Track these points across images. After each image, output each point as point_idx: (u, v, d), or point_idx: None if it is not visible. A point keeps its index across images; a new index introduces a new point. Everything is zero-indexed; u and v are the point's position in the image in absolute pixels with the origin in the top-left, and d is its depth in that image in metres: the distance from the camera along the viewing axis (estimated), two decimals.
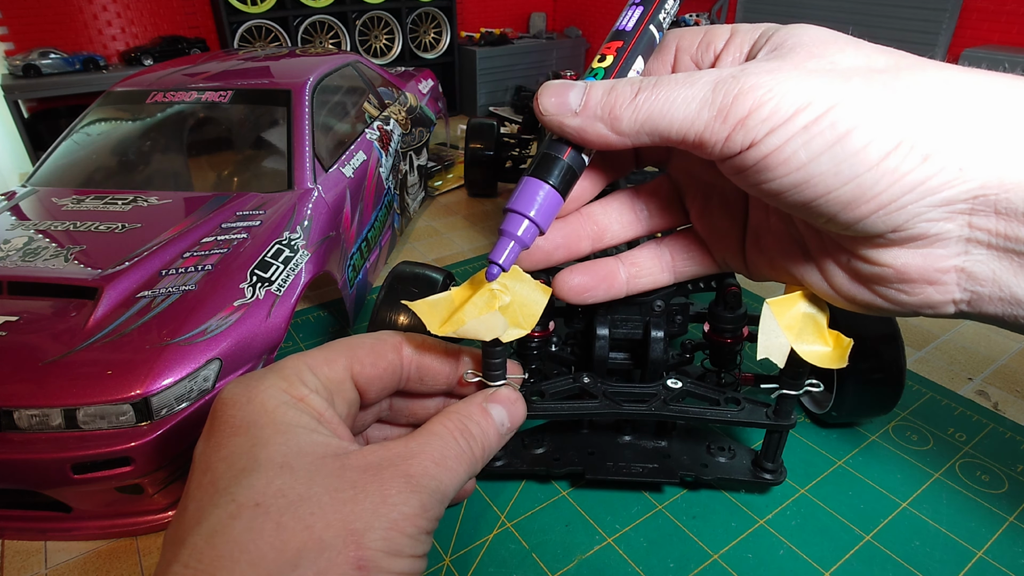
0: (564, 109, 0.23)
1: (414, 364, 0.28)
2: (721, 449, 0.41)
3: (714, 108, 0.20)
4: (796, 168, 0.19)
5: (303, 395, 0.23)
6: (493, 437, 0.26)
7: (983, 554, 0.37)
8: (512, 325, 0.26)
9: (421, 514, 0.21)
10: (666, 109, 0.21)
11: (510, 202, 0.24)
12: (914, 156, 0.18)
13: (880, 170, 0.18)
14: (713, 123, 0.20)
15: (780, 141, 0.19)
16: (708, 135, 0.20)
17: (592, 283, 0.30)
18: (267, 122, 0.65)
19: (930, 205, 0.19)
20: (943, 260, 0.20)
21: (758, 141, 0.19)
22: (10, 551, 0.39)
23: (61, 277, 0.43)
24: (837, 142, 0.19)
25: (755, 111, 0.19)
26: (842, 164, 0.19)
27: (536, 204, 0.24)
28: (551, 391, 0.38)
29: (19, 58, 1.55)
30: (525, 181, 0.24)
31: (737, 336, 0.41)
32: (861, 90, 0.19)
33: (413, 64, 1.79)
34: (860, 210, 0.19)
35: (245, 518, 0.19)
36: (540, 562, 0.37)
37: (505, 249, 0.24)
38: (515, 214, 0.24)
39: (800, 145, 0.19)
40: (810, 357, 0.31)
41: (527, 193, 0.24)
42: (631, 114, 0.21)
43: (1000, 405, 0.51)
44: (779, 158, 0.19)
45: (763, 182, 0.21)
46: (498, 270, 0.25)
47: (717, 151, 0.21)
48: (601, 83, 0.23)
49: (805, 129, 0.19)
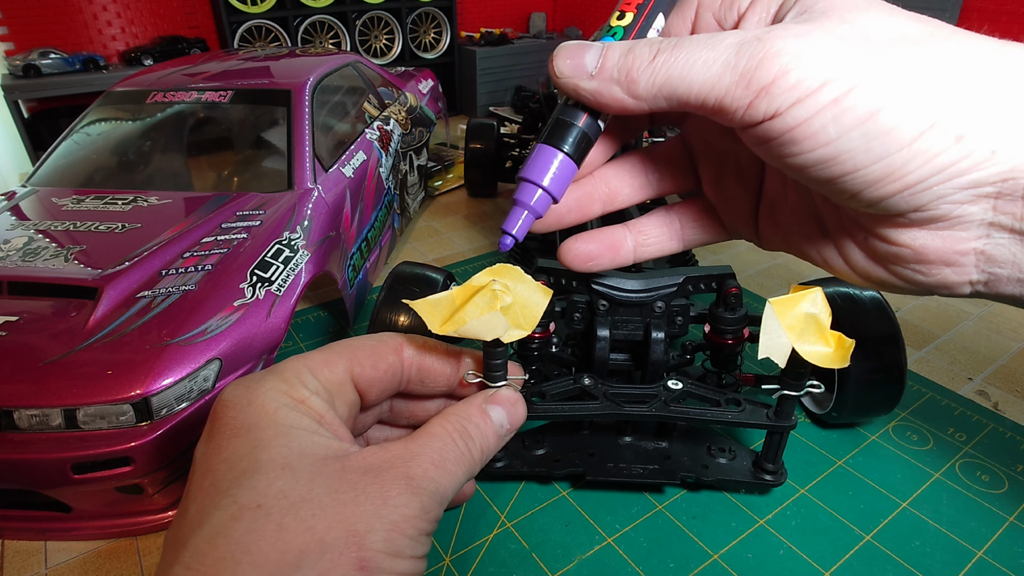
0: (580, 71, 0.21)
1: (415, 366, 0.28)
2: (722, 450, 0.41)
3: (736, 72, 0.19)
4: (823, 143, 0.18)
5: (303, 397, 0.23)
6: (492, 439, 0.26)
7: (983, 554, 0.37)
8: (513, 326, 0.26)
9: (421, 515, 0.21)
10: (686, 72, 0.20)
11: (523, 170, 0.24)
12: (947, 137, 0.17)
13: (912, 150, 0.18)
14: (735, 88, 0.19)
15: (807, 114, 0.18)
16: (729, 100, 0.19)
17: (598, 251, 0.30)
18: (267, 122, 0.65)
19: (957, 187, 0.18)
20: (963, 243, 0.20)
21: (783, 111, 0.19)
22: (10, 551, 0.38)
23: (61, 277, 0.43)
24: (869, 119, 0.18)
25: (780, 79, 0.18)
26: (873, 142, 0.18)
27: (550, 173, 0.23)
28: (552, 392, 0.38)
29: (19, 58, 1.55)
30: (539, 148, 0.23)
31: (738, 337, 0.41)
32: (894, 64, 0.18)
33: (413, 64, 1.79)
34: (886, 189, 0.19)
35: (247, 520, 0.19)
36: (540, 562, 0.37)
37: (518, 219, 0.24)
38: (528, 183, 0.23)
39: (829, 120, 0.18)
40: (811, 357, 0.31)
41: (541, 161, 0.23)
42: (649, 77, 0.20)
43: (1000, 405, 0.51)
44: (806, 132, 0.19)
45: (787, 155, 0.20)
46: (511, 240, 0.24)
47: (738, 118, 0.20)
48: (619, 44, 0.21)
49: (835, 103, 0.18)
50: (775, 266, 0.74)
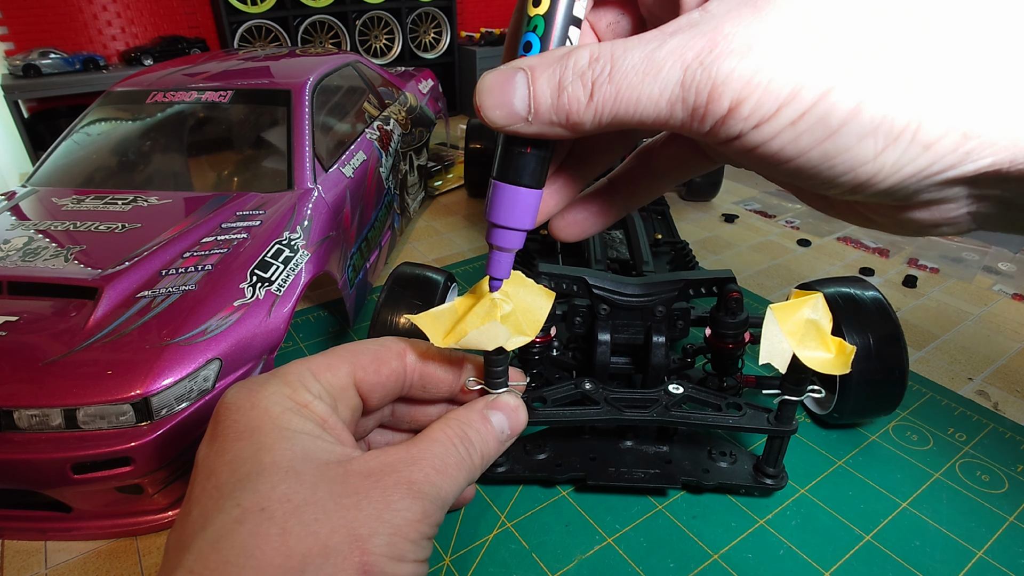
0: (514, 118, 0.20)
1: (417, 372, 0.28)
2: (723, 454, 0.41)
3: (687, 108, 0.18)
4: (786, 160, 0.18)
5: (306, 401, 0.23)
6: (492, 444, 0.26)
7: (983, 554, 0.37)
8: (516, 332, 0.26)
9: (423, 520, 0.21)
10: (632, 109, 0.19)
11: (489, 213, 0.23)
12: (915, 146, 0.17)
13: (878, 163, 0.17)
14: (690, 121, 0.18)
15: (766, 137, 0.18)
16: (686, 129, 0.19)
17: (588, 219, 0.28)
18: (267, 122, 0.65)
19: (932, 184, 0.18)
20: (952, 211, 0.19)
21: (745, 134, 0.18)
22: (10, 551, 0.38)
23: (61, 277, 0.43)
24: (828, 137, 0.17)
25: (735, 109, 0.17)
26: (836, 159, 0.18)
27: (515, 211, 0.23)
28: (553, 397, 0.38)
29: (19, 58, 1.55)
30: (496, 188, 0.22)
31: (739, 341, 0.41)
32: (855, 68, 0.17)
33: (413, 64, 1.79)
34: (860, 193, 0.19)
35: (250, 523, 0.19)
36: (540, 562, 0.37)
37: (499, 262, 0.24)
38: (498, 227, 0.23)
39: (788, 141, 0.18)
40: (812, 363, 0.30)
41: (503, 201, 0.22)
42: (592, 117, 0.19)
43: (1000, 405, 0.51)
44: (768, 151, 0.18)
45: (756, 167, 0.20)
46: (499, 283, 0.24)
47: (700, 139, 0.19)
48: (544, 75, 0.19)
49: (792, 125, 0.17)
50: (775, 267, 0.74)
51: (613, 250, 0.60)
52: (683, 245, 0.65)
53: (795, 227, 0.86)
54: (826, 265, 0.75)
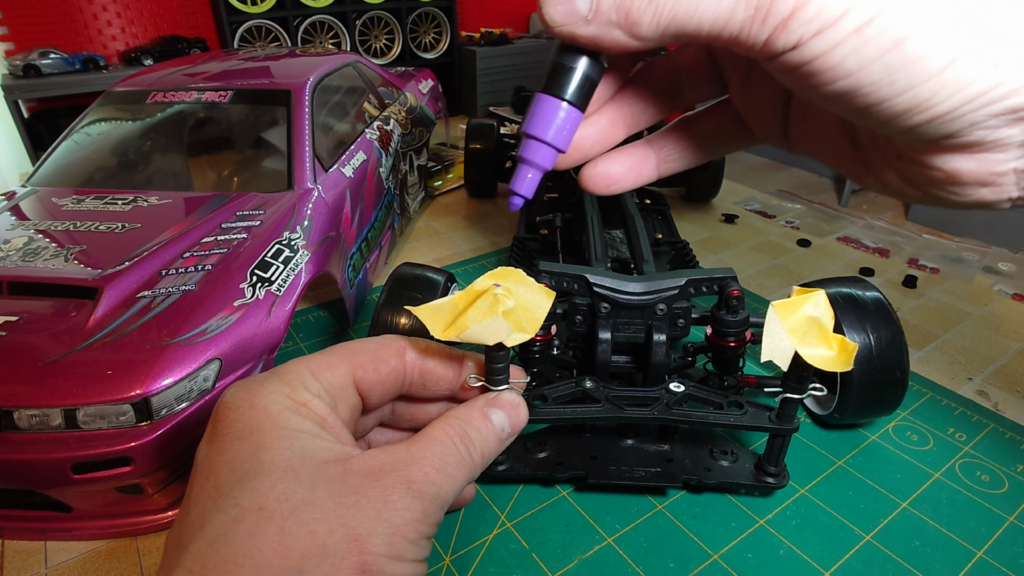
0: (574, 16, 0.20)
1: (417, 370, 0.28)
2: (724, 453, 0.41)
3: (751, 6, 0.17)
4: (845, 75, 0.17)
5: (306, 400, 0.23)
6: (493, 443, 0.26)
7: (983, 554, 0.37)
8: (516, 329, 0.26)
9: (422, 519, 0.21)
10: (693, 9, 0.18)
11: (525, 124, 0.22)
12: (979, 65, 0.16)
13: (940, 81, 0.17)
14: (750, 24, 0.18)
15: (828, 45, 0.17)
16: (744, 36, 0.18)
17: (621, 172, 0.28)
18: (267, 122, 0.65)
19: (991, 114, 0.17)
20: (1000, 164, 0.19)
21: (804, 42, 0.17)
22: (10, 551, 0.38)
23: (61, 277, 0.43)
24: (893, 48, 0.17)
25: (799, 10, 0.17)
26: (898, 73, 0.17)
27: (553, 126, 0.22)
28: (553, 395, 0.38)
29: (19, 58, 1.55)
30: (538, 99, 0.22)
31: (740, 340, 0.41)
32: None
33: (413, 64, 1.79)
34: (915, 119, 0.18)
35: (249, 523, 0.19)
36: (540, 562, 0.37)
37: (525, 178, 0.23)
38: (532, 139, 0.22)
39: (851, 51, 0.17)
40: (814, 361, 0.30)
41: (542, 113, 0.22)
42: (652, 17, 0.19)
43: (1000, 405, 0.51)
44: (827, 63, 0.17)
45: (811, 86, 0.19)
46: (521, 200, 0.24)
47: (756, 51, 0.19)
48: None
49: (857, 32, 0.17)
50: (775, 266, 0.74)
51: (614, 249, 0.60)
52: (683, 245, 0.65)
53: (795, 227, 0.86)
54: (826, 265, 0.75)
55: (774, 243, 0.81)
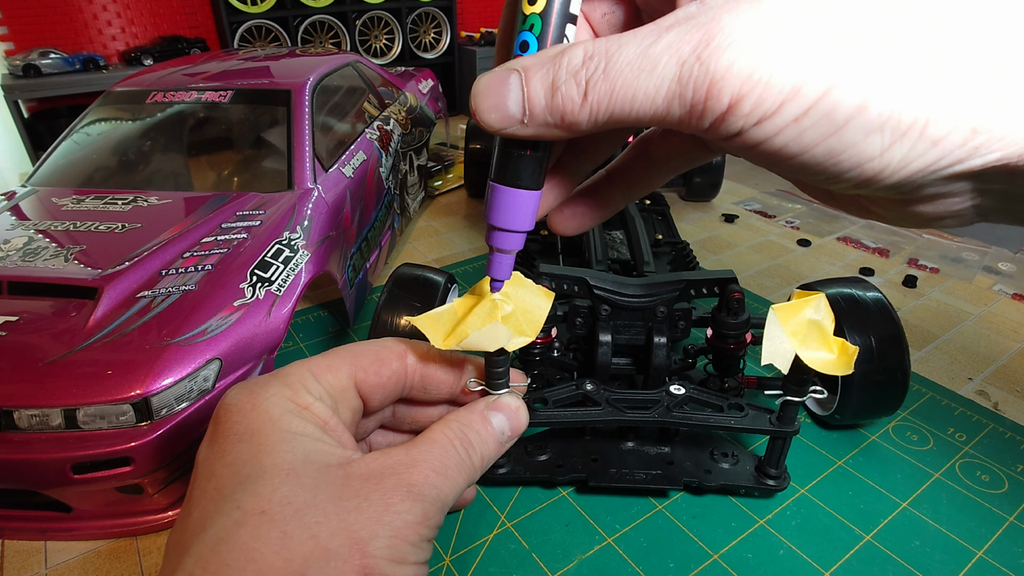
0: (510, 121, 0.20)
1: (418, 373, 0.28)
2: (724, 455, 0.41)
3: (684, 105, 0.17)
4: (791, 157, 0.18)
5: (307, 403, 0.23)
6: (493, 446, 0.26)
7: (983, 554, 0.37)
8: (516, 333, 0.26)
9: (423, 522, 0.21)
10: (628, 107, 0.18)
11: (488, 215, 0.23)
12: (923, 142, 0.16)
13: (885, 159, 0.17)
14: (688, 118, 0.18)
15: (770, 132, 0.17)
16: (685, 125, 0.18)
17: (588, 212, 0.28)
18: (267, 122, 0.65)
19: (938, 179, 0.17)
20: (957, 205, 0.19)
21: (746, 130, 0.17)
22: (10, 551, 0.38)
23: (61, 277, 0.43)
24: (833, 134, 0.17)
25: (736, 105, 0.17)
26: (842, 155, 0.17)
27: (514, 213, 0.22)
28: (554, 398, 0.38)
29: (19, 58, 1.55)
30: (495, 190, 0.22)
31: (740, 341, 0.41)
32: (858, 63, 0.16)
33: (413, 64, 1.79)
34: (865, 189, 0.18)
35: (251, 526, 0.19)
36: (540, 562, 0.37)
37: (500, 264, 0.24)
38: (497, 230, 0.23)
39: (792, 138, 0.17)
40: (815, 363, 0.30)
41: (501, 203, 0.22)
42: (587, 117, 0.19)
43: (1000, 405, 0.51)
44: (771, 147, 0.18)
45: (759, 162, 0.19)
46: (501, 284, 0.25)
47: (700, 135, 0.19)
48: (538, 76, 0.19)
49: (796, 122, 0.17)
50: (775, 267, 0.74)
51: (614, 250, 0.60)
52: (683, 245, 0.65)
53: (795, 227, 0.86)
54: (826, 265, 0.75)
55: (774, 243, 0.81)
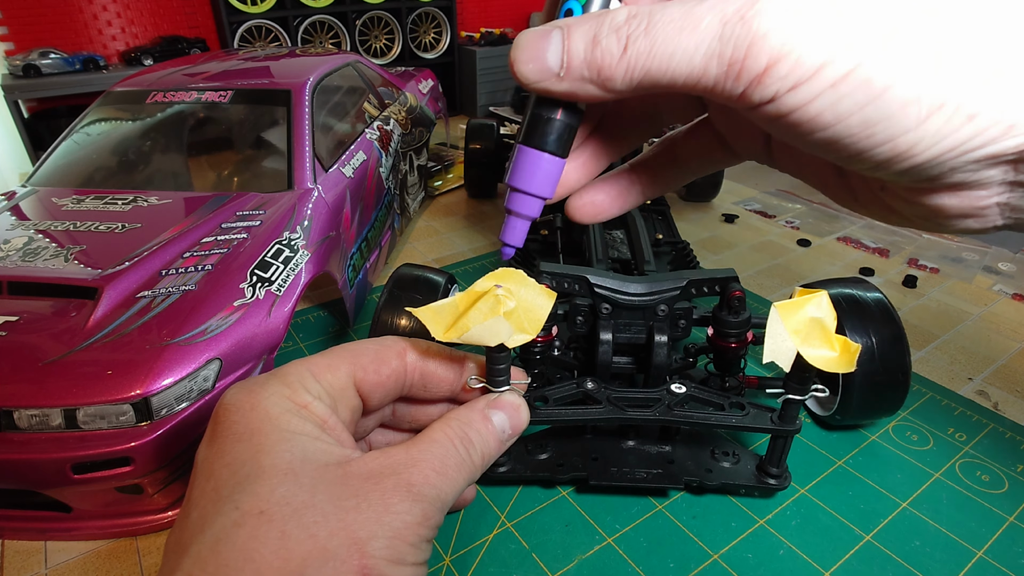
0: (546, 73, 0.20)
1: (418, 371, 0.28)
2: (725, 454, 0.41)
3: (723, 62, 0.17)
4: (824, 127, 0.17)
5: (306, 402, 0.23)
6: (493, 444, 0.26)
7: (983, 554, 0.37)
8: (517, 330, 0.26)
9: (423, 522, 0.21)
10: (665, 65, 0.18)
11: (510, 177, 0.23)
12: (958, 116, 0.16)
13: (919, 132, 0.17)
14: (724, 79, 0.17)
15: (804, 100, 0.17)
16: (720, 89, 0.18)
17: (607, 202, 0.28)
18: (267, 122, 0.65)
19: (971, 160, 0.17)
20: (983, 200, 0.19)
21: (779, 96, 0.17)
22: (10, 551, 0.38)
23: (61, 277, 0.43)
24: (870, 102, 0.16)
25: (773, 67, 0.17)
26: (876, 126, 0.17)
27: (537, 177, 0.22)
28: (555, 396, 0.38)
29: (19, 58, 1.55)
30: (520, 151, 0.22)
31: (741, 340, 0.41)
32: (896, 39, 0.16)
33: (413, 64, 1.79)
34: (895, 167, 0.18)
35: (249, 526, 0.19)
36: (540, 562, 0.37)
37: (514, 228, 0.24)
38: (517, 192, 0.23)
39: (827, 105, 0.17)
40: (817, 362, 0.30)
41: (525, 165, 0.22)
42: (624, 73, 0.19)
43: (1000, 405, 0.51)
44: (804, 116, 0.17)
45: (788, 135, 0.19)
46: (512, 250, 0.24)
47: (732, 102, 0.18)
48: (580, 30, 0.19)
49: (833, 87, 0.16)
50: (775, 266, 0.74)
51: (614, 250, 0.60)
52: (684, 245, 0.65)
53: (795, 227, 0.86)
54: (826, 265, 0.75)
55: (774, 243, 0.81)
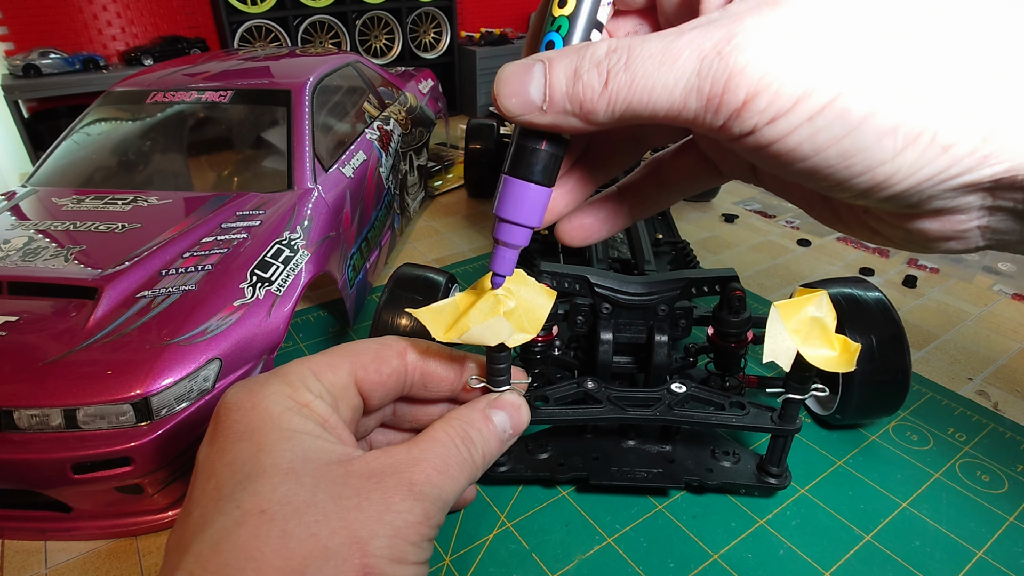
0: (529, 108, 0.20)
1: (418, 370, 0.28)
2: (726, 453, 0.41)
3: (702, 97, 0.18)
4: (803, 159, 0.18)
5: (307, 401, 0.23)
6: (494, 444, 0.26)
7: (983, 554, 0.37)
8: (518, 330, 0.26)
9: (424, 521, 0.21)
10: (646, 98, 0.18)
11: (497, 207, 0.23)
12: (933, 148, 0.16)
13: (896, 163, 0.17)
14: (704, 113, 0.18)
15: (783, 132, 0.17)
16: (700, 122, 0.18)
17: (595, 225, 0.28)
18: (267, 122, 0.65)
19: (948, 188, 0.17)
20: (963, 224, 0.19)
21: (759, 129, 0.18)
22: (10, 551, 0.38)
23: (61, 277, 0.43)
24: (847, 135, 0.17)
25: (751, 101, 0.17)
26: (854, 158, 0.17)
27: (524, 207, 0.23)
28: (555, 396, 0.38)
29: (19, 58, 1.55)
30: (507, 182, 0.23)
31: (741, 340, 0.41)
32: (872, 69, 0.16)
33: (413, 64, 1.79)
34: (874, 196, 0.18)
35: (250, 525, 0.19)
36: (540, 562, 0.37)
37: (503, 258, 0.24)
38: (505, 222, 0.23)
39: (806, 137, 0.17)
40: (817, 361, 0.30)
41: (512, 196, 0.22)
42: (605, 106, 0.19)
43: (1000, 405, 0.51)
44: (783, 148, 0.18)
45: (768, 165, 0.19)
46: (502, 279, 0.25)
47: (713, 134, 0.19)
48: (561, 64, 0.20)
49: (810, 120, 0.17)
50: (775, 266, 0.74)
51: (614, 249, 0.60)
52: (684, 245, 0.65)
53: (795, 227, 0.86)
54: (826, 265, 0.75)
55: (774, 243, 0.81)
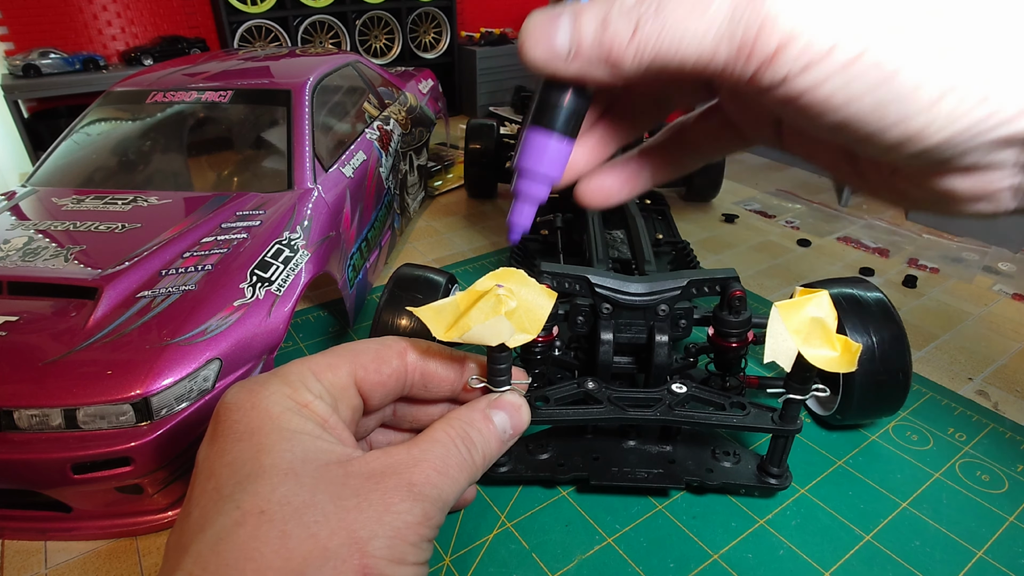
0: (555, 56, 0.19)
1: (419, 371, 0.28)
2: (726, 454, 0.41)
3: (733, 44, 0.17)
4: (835, 109, 0.17)
5: (307, 401, 0.23)
6: (495, 444, 0.26)
7: (983, 554, 0.37)
8: (518, 330, 0.26)
9: (424, 522, 0.21)
10: (675, 47, 0.18)
11: (518, 158, 0.23)
12: (970, 98, 0.16)
13: (931, 115, 0.16)
14: (734, 62, 0.17)
15: (815, 81, 0.17)
16: (729, 71, 0.18)
17: (616, 186, 0.28)
18: (267, 122, 0.65)
19: (984, 142, 0.17)
20: (996, 183, 0.19)
21: (791, 78, 0.17)
22: (10, 551, 0.38)
23: (61, 277, 0.43)
24: (881, 84, 0.16)
25: (783, 49, 0.17)
26: (888, 108, 0.17)
27: (546, 159, 0.22)
28: (555, 396, 0.38)
29: (19, 58, 1.55)
30: (529, 133, 0.22)
31: (742, 340, 0.41)
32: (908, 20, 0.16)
33: (413, 64, 1.79)
34: (907, 150, 0.18)
35: (250, 526, 0.19)
36: (540, 562, 0.37)
37: (522, 210, 0.24)
38: (526, 173, 0.23)
39: (839, 86, 0.17)
40: (818, 361, 0.30)
41: (533, 147, 0.22)
42: (634, 55, 0.19)
43: (1000, 405, 0.51)
44: (815, 98, 0.17)
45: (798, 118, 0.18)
46: (519, 234, 0.24)
47: (742, 85, 0.18)
48: (590, 13, 0.19)
49: (844, 68, 0.16)
50: (775, 266, 0.74)
51: (615, 250, 0.60)
52: (684, 245, 0.65)
53: (795, 227, 0.86)
54: (826, 265, 0.75)
55: (774, 243, 0.81)
